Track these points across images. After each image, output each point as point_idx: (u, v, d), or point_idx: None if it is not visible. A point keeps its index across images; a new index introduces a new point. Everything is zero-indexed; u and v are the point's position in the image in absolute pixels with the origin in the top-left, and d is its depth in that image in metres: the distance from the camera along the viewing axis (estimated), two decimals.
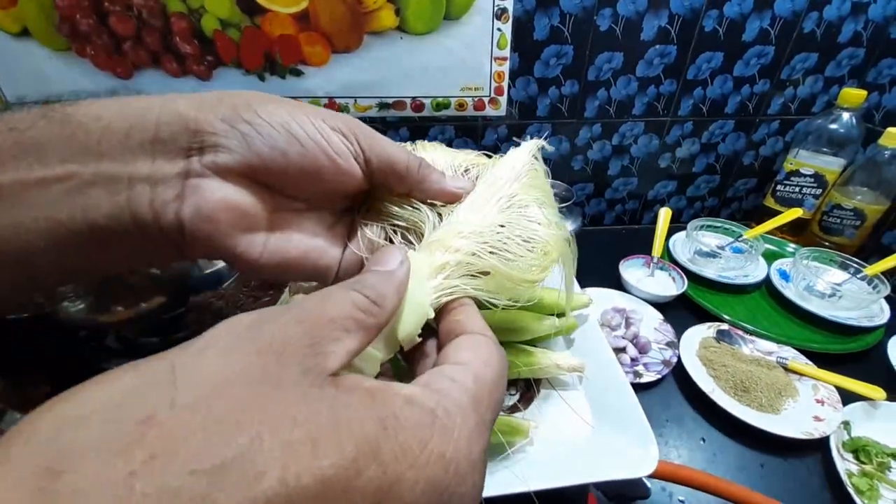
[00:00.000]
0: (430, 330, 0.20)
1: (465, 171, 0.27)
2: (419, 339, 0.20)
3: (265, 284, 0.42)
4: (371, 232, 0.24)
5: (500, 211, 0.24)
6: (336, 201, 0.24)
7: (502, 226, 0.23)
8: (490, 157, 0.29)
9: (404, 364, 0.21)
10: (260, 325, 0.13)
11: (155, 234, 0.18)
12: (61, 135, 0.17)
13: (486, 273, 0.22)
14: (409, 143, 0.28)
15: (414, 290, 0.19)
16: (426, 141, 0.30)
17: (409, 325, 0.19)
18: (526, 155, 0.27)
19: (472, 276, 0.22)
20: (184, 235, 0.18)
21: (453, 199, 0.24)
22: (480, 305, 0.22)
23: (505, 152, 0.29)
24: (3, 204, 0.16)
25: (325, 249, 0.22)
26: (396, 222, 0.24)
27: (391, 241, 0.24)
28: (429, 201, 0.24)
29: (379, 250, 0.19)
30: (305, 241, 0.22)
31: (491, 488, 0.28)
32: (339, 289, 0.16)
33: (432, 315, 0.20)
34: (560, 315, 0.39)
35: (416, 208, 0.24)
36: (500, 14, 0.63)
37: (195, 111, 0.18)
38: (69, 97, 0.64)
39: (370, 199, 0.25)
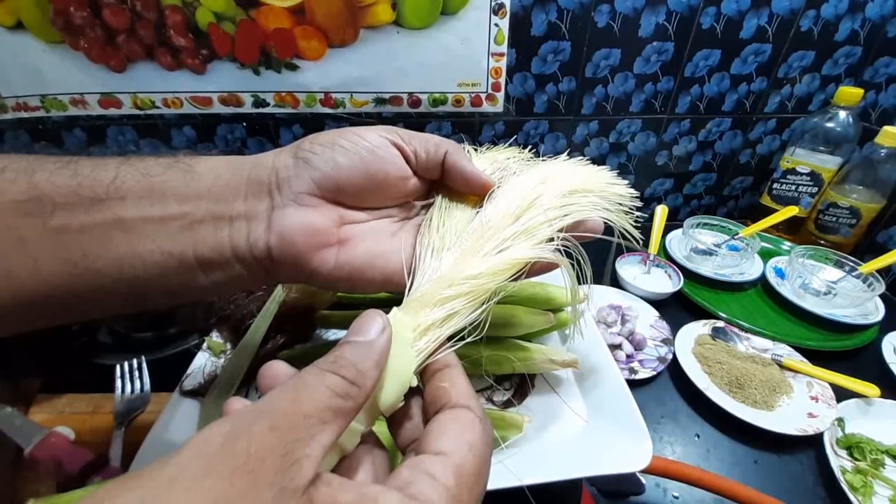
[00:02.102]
0: (414, 388, 0.19)
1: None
2: (402, 404, 0.19)
3: None
4: (422, 235, 0.24)
5: (490, 256, 0.23)
6: (394, 203, 0.25)
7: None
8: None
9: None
10: (234, 441, 0.13)
11: (250, 262, 0.21)
12: (182, 182, 0.21)
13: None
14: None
15: (397, 358, 0.18)
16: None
17: (391, 395, 0.18)
18: (532, 183, 0.26)
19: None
20: (272, 260, 0.21)
21: (480, 185, 0.25)
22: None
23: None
24: (126, 236, 0.19)
25: (390, 255, 0.23)
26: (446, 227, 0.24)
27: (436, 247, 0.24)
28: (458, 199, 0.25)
29: (358, 317, 0.18)
30: (370, 250, 0.23)
31: None
32: (315, 373, 0.16)
33: (416, 383, 0.19)
34: (555, 311, 0.39)
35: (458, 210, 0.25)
36: (497, 9, 0.63)
37: (274, 156, 0.22)
38: (62, 93, 0.64)
39: (429, 207, 0.26)
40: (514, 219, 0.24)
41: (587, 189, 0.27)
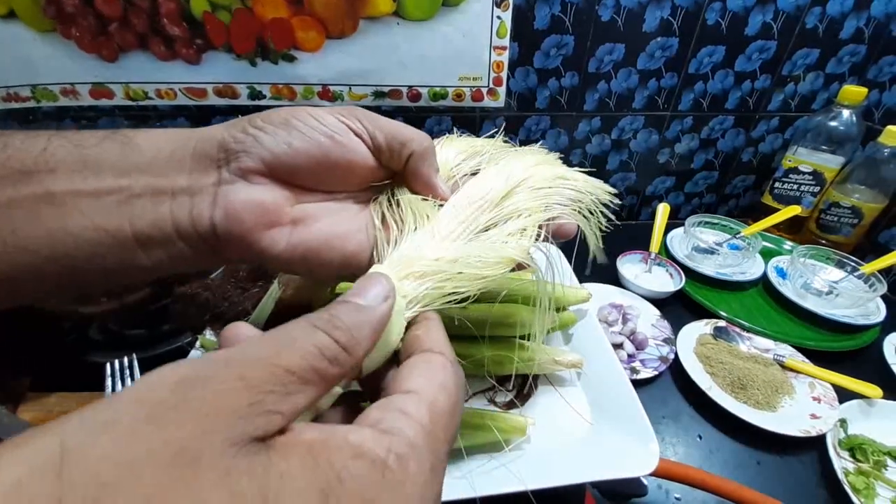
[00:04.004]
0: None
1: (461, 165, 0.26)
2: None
3: (254, 275, 0.41)
4: (386, 214, 0.23)
5: (472, 238, 0.22)
6: (354, 189, 0.24)
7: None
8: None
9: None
10: (189, 387, 0.11)
11: (195, 240, 0.20)
12: (120, 154, 0.19)
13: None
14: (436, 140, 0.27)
15: (390, 325, 0.17)
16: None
17: (375, 361, 0.17)
18: (522, 165, 0.26)
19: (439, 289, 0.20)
20: (218, 238, 0.20)
21: (432, 196, 0.24)
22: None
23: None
24: (56, 210, 0.18)
25: (349, 235, 0.22)
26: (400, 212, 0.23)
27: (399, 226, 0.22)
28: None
29: (363, 276, 0.17)
30: (326, 230, 0.22)
31: (488, 487, 0.27)
32: (304, 328, 0.14)
33: (400, 347, 0.18)
34: (558, 310, 0.38)
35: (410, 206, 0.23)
36: (499, 1, 0.61)
37: (223, 130, 0.21)
38: (52, 83, 0.62)
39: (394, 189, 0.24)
40: (504, 194, 0.24)
41: (574, 177, 0.27)
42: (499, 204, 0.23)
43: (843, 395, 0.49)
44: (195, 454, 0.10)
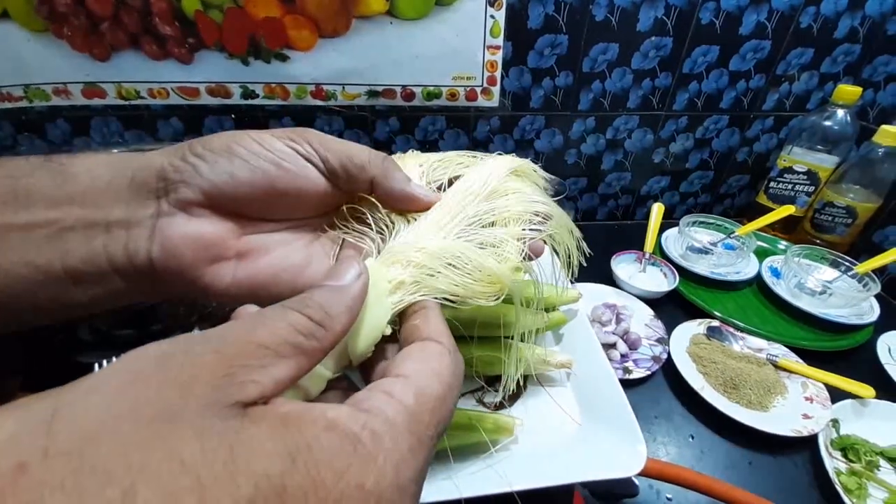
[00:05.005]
0: (389, 337, 0.19)
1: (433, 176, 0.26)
2: (371, 354, 0.18)
3: None
4: (346, 241, 0.22)
5: (461, 231, 0.22)
6: (308, 215, 0.23)
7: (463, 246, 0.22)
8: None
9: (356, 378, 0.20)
10: (168, 358, 0.12)
11: (131, 275, 0.19)
12: (52, 184, 0.18)
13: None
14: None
15: (371, 307, 0.17)
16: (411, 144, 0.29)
17: (362, 343, 0.17)
18: (503, 168, 0.26)
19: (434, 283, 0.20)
20: (157, 274, 0.19)
21: (420, 206, 0.22)
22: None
23: (496, 146, 0.28)
24: None
25: (302, 268, 0.21)
26: (366, 231, 0.22)
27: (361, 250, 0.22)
28: (398, 213, 0.23)
29: (336, 262, 0.17)
30: (276, 263, 0.21)
31: (473, 488, 0.27)
32: (277, 309, 0.15)
33: (389, 332, 0.18)
34: (548, 310, 0.38)
35: (384, 216, 0.23)
36: (493, 1, 0.61)
37: (162, 156, 0.19)
38: (45, 82, 0.62)
39: (348, 212, 0.24)
40: (490, 188, 0.24)
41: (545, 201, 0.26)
42: (484, 198, 0.23)
43: (836, 394, 0.49)
44: (172, 414, 0.11)
